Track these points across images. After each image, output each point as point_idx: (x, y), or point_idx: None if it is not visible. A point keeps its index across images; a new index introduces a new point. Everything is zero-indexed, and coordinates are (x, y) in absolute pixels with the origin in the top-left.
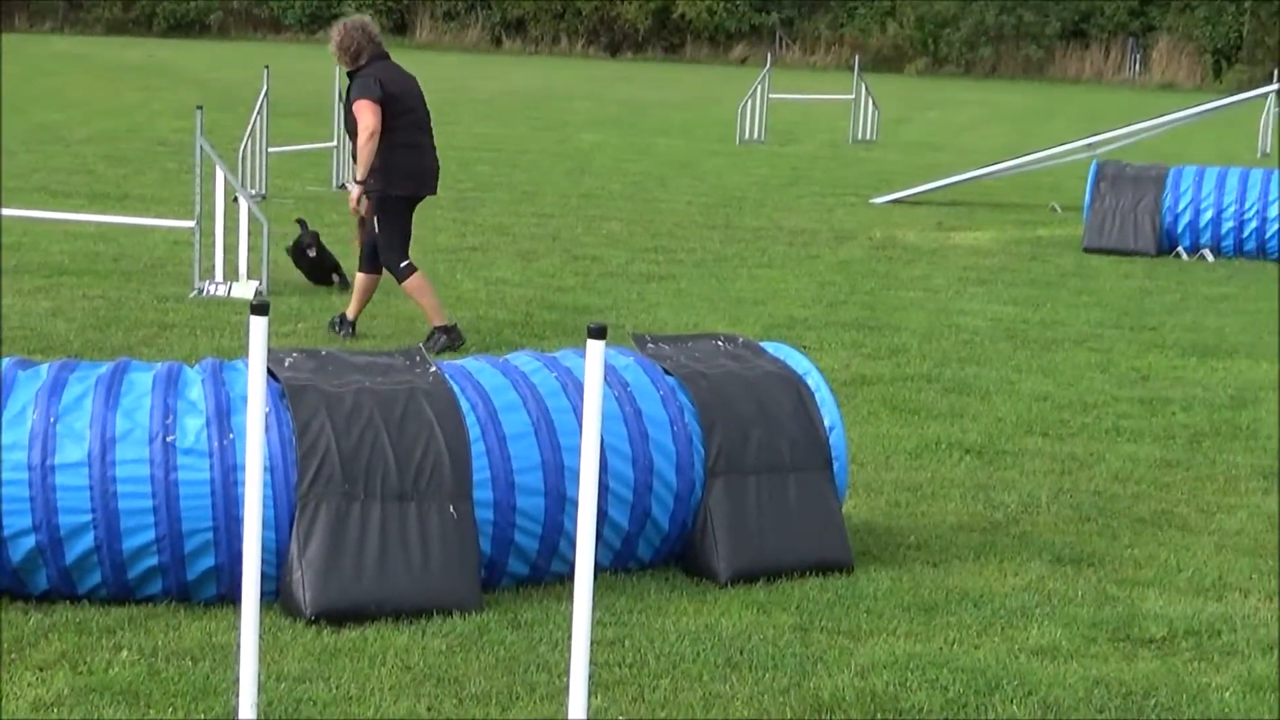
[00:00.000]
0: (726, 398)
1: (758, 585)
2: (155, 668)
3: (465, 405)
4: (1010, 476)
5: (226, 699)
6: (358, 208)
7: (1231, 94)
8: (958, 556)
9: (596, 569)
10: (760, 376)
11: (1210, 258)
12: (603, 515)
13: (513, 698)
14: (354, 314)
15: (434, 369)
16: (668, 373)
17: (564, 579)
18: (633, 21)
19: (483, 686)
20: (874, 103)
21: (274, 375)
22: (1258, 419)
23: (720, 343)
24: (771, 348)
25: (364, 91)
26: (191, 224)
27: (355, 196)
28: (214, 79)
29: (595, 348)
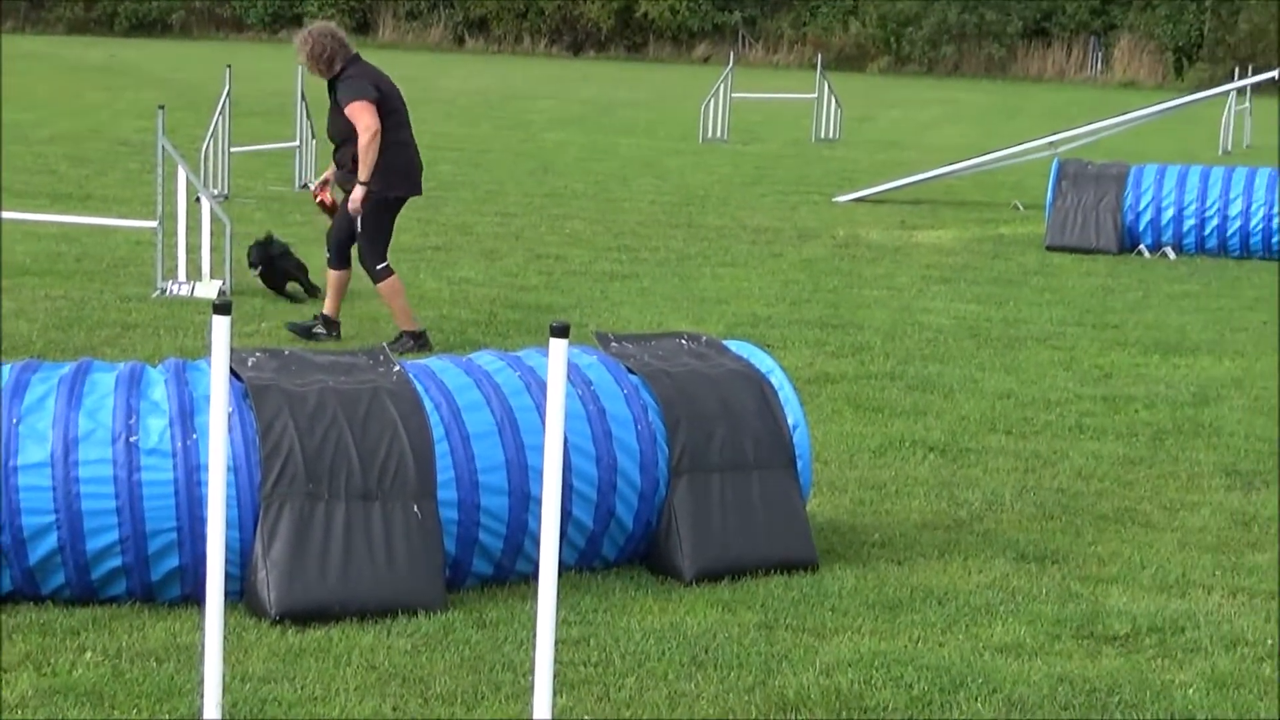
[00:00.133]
0: (690, 396)
1: (722, 584)
2: (120, 669)
3: (429, 404)
4: (974, 474)
5: (191, 699)
6: (326, 199)
7: (1192, 92)
8: (922, 554)
9: (561, 568)
10: (724, 375)
11: (1172, 255)
12: (567, 514)
13: (478, 697)
14: (334, 311)
15: (397, 368)
16: (631, 371)
17: (529, 578)
18: (595, 21)
19: (448, 686)
20: (837, 101)
21: (237, 375)
22: (1220, 416)
23: (684, 341)
24: (735, 346)
25: (359, 93)
26: (154, 224)
27: (359, 198)
28: (176, 79)
29: (558, 346)
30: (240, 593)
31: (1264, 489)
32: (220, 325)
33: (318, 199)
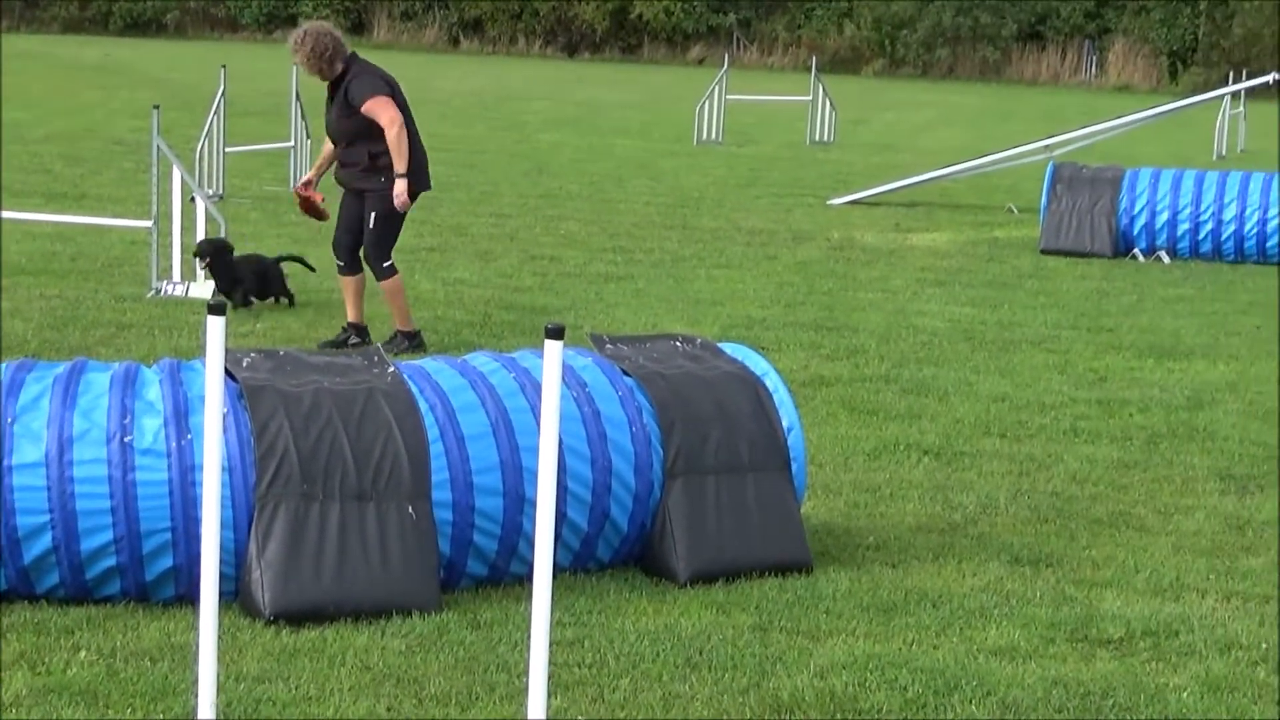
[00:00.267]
0: (685, 398)
1: (717, 586)
2: (114, 668)
3: (424, 405)
4: (968, 478)
5: (185, 699)
6: (316, 198)
7: (1187, 96)
8: (916, 557)
9: (556, 569)
10: (719, 377)
11: (1166, 259)
12: (561, 516)
13: (472, 698)
14: (358, 316)
15: (392, 369)
16: (626, 373)
17: (523, 579)
18: (590, 22)
19: (442, 687)
20: (831, 104)
21: (232, 375)
22: (1214, 420)
23: (678, 343)
24: (730, 348)
25: (375, 88)
26: (149, 224)
27: (404, 190)
28: (171, 78)
29: (553, 348)
30: (235, 593)
31: (1258, 493)
32: (215, 325)
33: (301, 199)
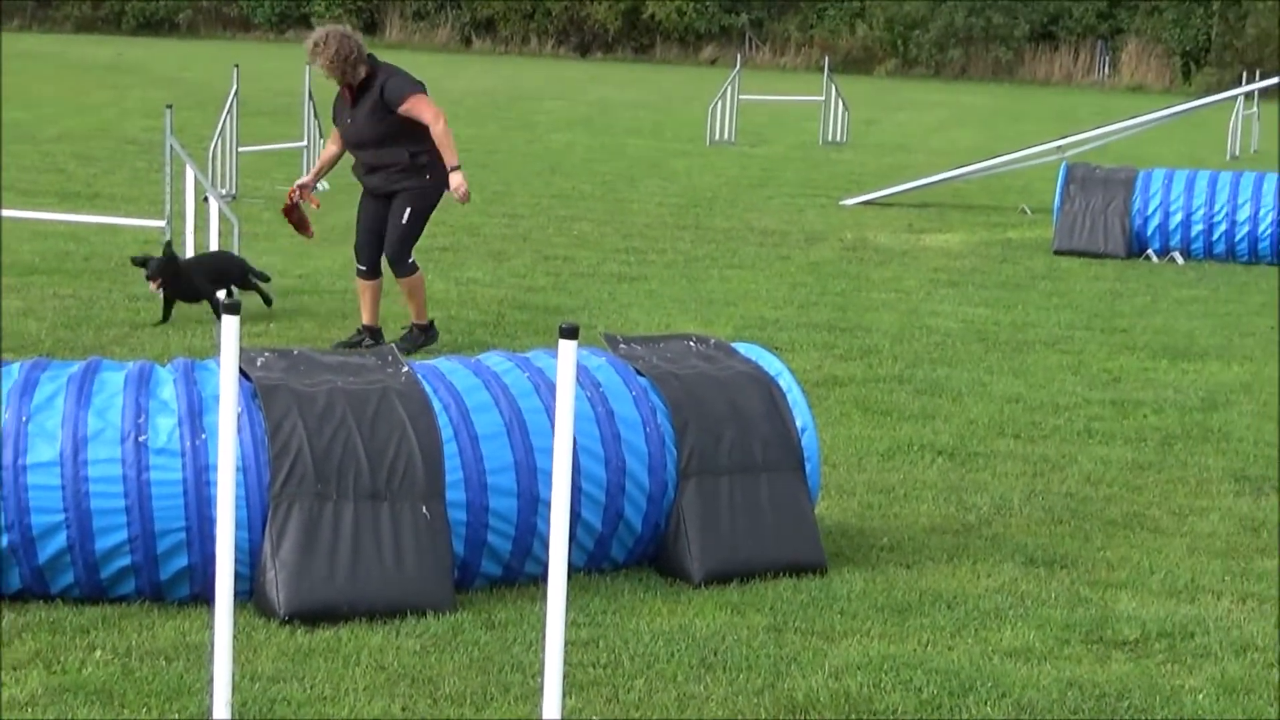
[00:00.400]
0: (699, 398)
1: (731, 586)
2: (129, 667)
3: (437, 405)
4: (982, 478)
5: (200, 699)
6: (314, 203)
7: (1200, 96)
8: (930, 558)
9: (570, 570)
10: (732, 377)
11: (1180, 260)
12: (575, 516)
13: (487, 698)
14: (374, 320)
15: (406, 369)
16: (640, 373)
17: (537, 580)
18: (602, 22)
19: (457, 687)
20: (844, 104)
21: (246, 375)
22: (1229, 421)
23: (692, 343)
24: (743, 348)
25: (412, 86)
26: (162, 223)
27: (460, 183)
28: (183, 78)
29: (568, 348)
30: (249, 592)
31: (1272, 494)
32: (229, 325)
33: (291, 207)
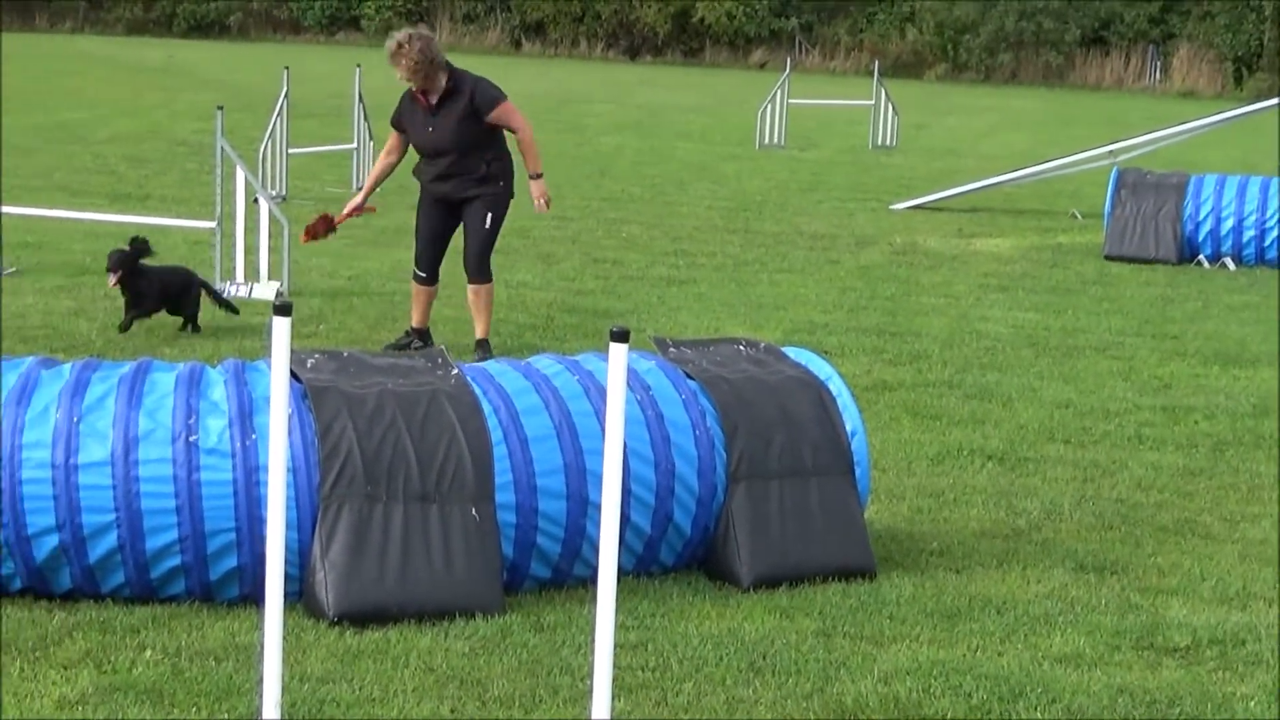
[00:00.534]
0: (748, 402)
1: (780, 590)
2: (179, 667)
3: (487, 408)
4: (1032, 483)
5: (250, 699)
6: (331, 220)
7: (1252, 102)
8: (980, 563)
9: (619, 573)
10: (782, 381)
11: (1232, 266)
12: (625, 519)
13: (536, 700)
14: (424, 323)
15: (455, 371)
16: (690, 377)
17: (586, 582)
18: (652, 25)
19: (506, 689)
20: (894, 108)
21: (296, 376)
22: None
23: (742, 347)
24: (793, 353)
25: (499, 92)
26: (212, 225)
27: (543, 190)
28: (234, 80)
29: (618, 351)
30: (299, 593)
31: None
32: (280, 326)
33: (324, 219)
